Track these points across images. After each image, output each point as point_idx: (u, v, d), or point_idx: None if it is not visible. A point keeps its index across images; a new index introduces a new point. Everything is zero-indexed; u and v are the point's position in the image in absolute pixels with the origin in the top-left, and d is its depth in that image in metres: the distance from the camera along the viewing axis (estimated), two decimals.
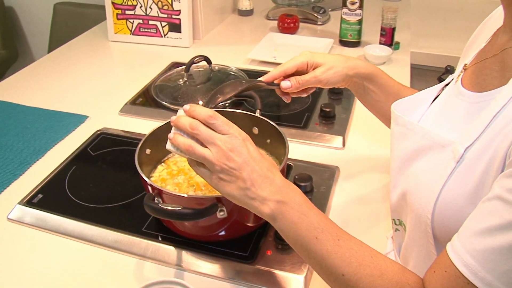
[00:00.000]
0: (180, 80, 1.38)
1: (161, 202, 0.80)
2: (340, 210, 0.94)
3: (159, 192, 0.79)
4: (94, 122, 1.28)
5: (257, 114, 0.98)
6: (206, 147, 0.63)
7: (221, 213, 0.75)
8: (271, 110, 1.27)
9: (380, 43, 1.60)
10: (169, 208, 0.71)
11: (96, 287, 0.81)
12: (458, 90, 0.66)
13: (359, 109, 1.27)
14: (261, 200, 0.62)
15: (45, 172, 1.07)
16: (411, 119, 0.69)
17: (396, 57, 1.58)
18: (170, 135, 0.66)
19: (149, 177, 0.94)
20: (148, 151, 0.92)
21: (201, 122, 0.63)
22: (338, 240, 0.61)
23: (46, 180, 1.04)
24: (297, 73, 0.84)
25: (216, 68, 1.44)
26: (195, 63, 1.37)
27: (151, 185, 0.79)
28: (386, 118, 0.95)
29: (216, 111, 0.65)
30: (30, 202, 0.97)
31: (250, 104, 1.27)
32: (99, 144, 1.16)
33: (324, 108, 1.20)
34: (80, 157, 1.11)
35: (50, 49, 2.29)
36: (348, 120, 1.20)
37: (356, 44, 1.66)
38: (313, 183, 0.97)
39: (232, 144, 0.62)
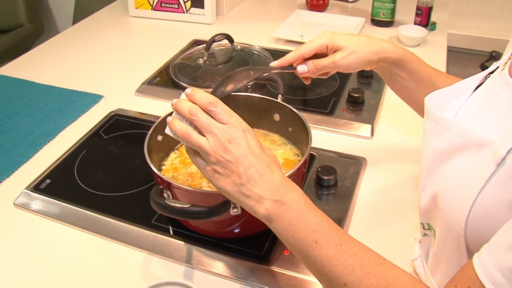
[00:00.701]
0: (200, 59, 1.30)
1: (171, 196, 0.74)
2: (365, 207, 0.86)
3: (168, 185, 0.72)
4: (109, 102, 1.22)
5: (279, 99, 0.90)
6: (204, 136, 0.58)
7: (235, 210, 0.68)
8: (295, 93, 1.18)
9: (415, 23, 1.48)
10: (177, 205, 0.64)
11: (99, 281, 0.76)
12: (504, 80, 0.57)
13: (390, 94, 1.16)
14: (256, 198, 0.57)
15: (55, 155, 1.02)
16: (445, 114, 0.60)
17: (432, 38, 1.46)
18: (169, 119, 0.62)
19: (160, 166, 0.88)
20: (159, 137, 0.86)
21: (201, 108, 0.59)
22: (340, 245, 0.54)
23: (54, 165, 0.99)
24: (317, 55, 0.77)
25: (239, 47, 1.36)
26: (216, 42, 1.29)
27: (160, 177, 0.73)
28: (417, 106, 0.86)
29: (233, 95, 0.59)
30: (37, 187, 0.93)
31: (273, 88, 1.19)
32: (112, 127, 1.10)
33: (352, 93, 1.11)
34: (92, 140, 1.06)
35: (74, 23, 2.24)
36: (377, 107, 1.11)
37: (389, 23, 1.55)
38: (337, 176, 0.89)
39: (231, 135, 0.57)
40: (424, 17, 1.46)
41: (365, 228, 0.82)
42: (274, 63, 0.77)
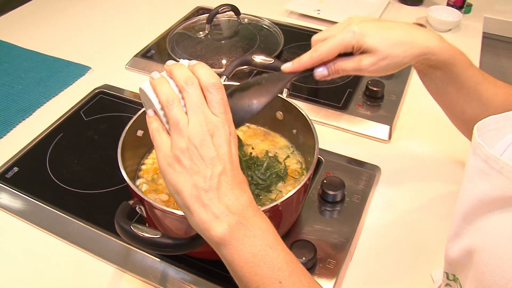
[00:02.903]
0: (201, 32, 1.15)
1: (144, 212, 0.62)
2: (374, 230, 0.74)
3: (141, 200, 0.60)
4: (96, 75, 1.09)
5: (284, 95, 0.76)
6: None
7: None
8: (306, 81, 1.04)
9: (448, 4, 1.30)
10: (145, 235, 0.52)
11: None
12: None
13: (415, 89, 1.02)
14: (217, 213, 0.46)
15: (28, 137, 0.90)
16: (495, 149, 0.47)
17: (466, 23, 1.29)
18: (155, 75, 0.52)
19: (140, 164, 0.76)
20: (140, 132, 0.73)
21: (200, 85, 0.50)
22: None
23: (25, 150, 0.87)
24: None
25: (246, 20, 1.21)
26: (220, 13, 1.14)
27: (132, 190, 0.61)
28: (454, 115, 0.72)
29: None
30: (2, 176, 0.82)
31: None
32: (94, 107, 0.97)
33: (370, 87, 0.97)
34: (70, 122, 0.94)
35: None
36: (398, 105, 0.97)
37: (418, 2, 1.37)
38: (345, 189, 0.77)
39: (217, 129, 0.49)
40: None
41: (371, 256, 0.70)
42: (286, 67, 0.62)
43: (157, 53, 1.15)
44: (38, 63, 1.13)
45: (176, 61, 0.54)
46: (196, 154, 0.47)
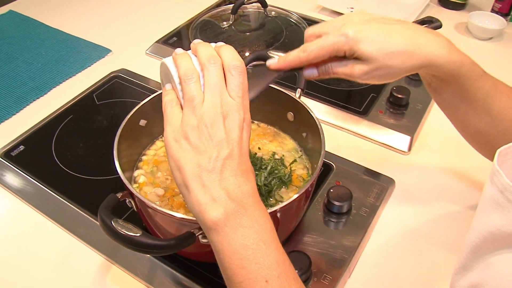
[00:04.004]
0: (225, 22, 1.12)
1: (134, 206, 0.60)
2: (380, 247, 0.69)
3: (131, 194, 0.58)
4: (115, 58, 1.08)
5: (297, 95, 0.72)
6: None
7: (205, 240, 0.53)
8: (327, 80, 0.98)
9: (493, 11, 1.22)
10: (124, 232, 0.49)
11: (44, 278, 0.64)
12: None
13: None
14: (215, 195, 0.44)
15: (39, 116, 0.89)
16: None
17: (509, 31, 1.20)
18: (179, 50, 0.52)
19: (141, 155, 0.74)
20: (142, 122, 0.71)
21: (222, 66, 0.49)
22: None
23: (34, 129, 0.86)
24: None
25: (273, 13, 1.16)
26: (246, 4, 1.10)
27: (123, 182, 0.59)
28: (462, 130, 0.66)
29: None
30: (7, 154, 0.81)
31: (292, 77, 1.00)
32: (108, 91, 0.96)
33: (395, 93, 0.91)
34: (82, 104, 0.92)
35: None
36: (423, 115, 0.90)
37: (460, 6, 1.29)
38: (353, 201, 0.72)
39: (231, 112, 0.47)
40: (506, 4, 1.20)
41: (372, 276, 0.65)
42: (271, 63, 0.58)
43: (179, 40, 1.13)
44: (60, 41, 1.13)
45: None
46: (206, 134, 0.45)
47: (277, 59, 0.58)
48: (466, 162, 0.81)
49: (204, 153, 0.45)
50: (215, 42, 0.54)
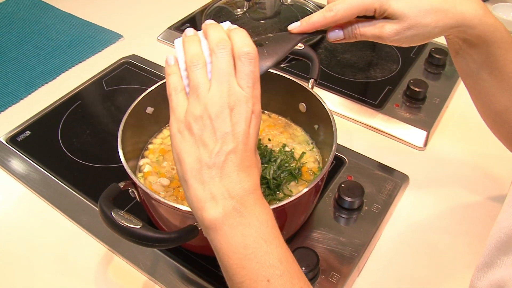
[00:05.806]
0: (239, 10, 1.09)
1: (137, 196, 0.58)
2: (392, 245, 0.66)
3: (134, 184, 0.56)
4: (126, 44, 1.06)
5: (309, 85, 0.69)
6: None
7: None
8: (343, 71, 0.95)
9: None
10: (124, 223, 0.48)
11: (45, 265, 0.63)
12: None
13: (462, 95, 0.92)
14: (214, 193, 0.42)
15: (47, 101, 0.88)
16: None
17: None
18: (189, 32, 0.48)
19: (147, 143, 0.72)
20: (149, 109, 0.69)
21: (232, 52, 0.45)
22: None
23: (40, 114, 0.85)
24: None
25: (289, 1, 1.13)
26: None
27: (127, 172, 0.57)
28: (483, 105, 0.62)
29: None
30: (13, 139, 0.80)
31: (305, 67, 0.97)
32: (118, 77, 0.94)
33: (412, 86, 0.87)
34: (90, 90, 0.91)
35: None
36: (441, 109, 0.87)
37: None
38: (365, 196, 0.69)
39: (238, 104, 0.43)
40: None
41: (383, 275, 0.63)
42: (293, 27, 0.55)
43: (192, 26, 1.09)
44: (71, 26, 1.11)
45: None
46: (209, 126, 0.43)
47: (299, 22, 0.55)
48: (485, 159, 0.78)
49: (206, 146, 0.42)
50: (231, 23, 0.50)
